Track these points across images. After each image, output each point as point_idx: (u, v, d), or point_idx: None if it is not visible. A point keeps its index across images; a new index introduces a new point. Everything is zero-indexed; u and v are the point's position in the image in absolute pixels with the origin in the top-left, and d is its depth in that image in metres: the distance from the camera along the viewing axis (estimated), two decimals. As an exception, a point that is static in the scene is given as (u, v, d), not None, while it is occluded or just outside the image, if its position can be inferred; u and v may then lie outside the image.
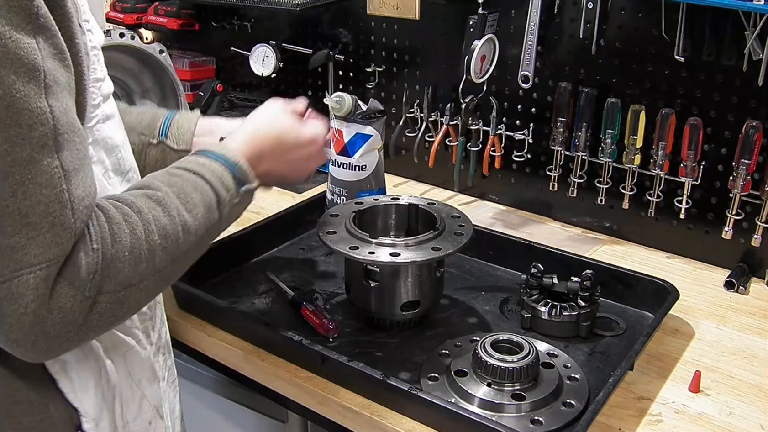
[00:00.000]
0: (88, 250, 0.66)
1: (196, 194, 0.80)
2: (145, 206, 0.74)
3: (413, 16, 1.48)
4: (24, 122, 0.62)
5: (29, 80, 0.62)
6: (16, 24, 0.61)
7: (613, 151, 1.28)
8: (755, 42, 1.10)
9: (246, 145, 0.92)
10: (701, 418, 0.93)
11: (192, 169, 0.82)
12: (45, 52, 0.64)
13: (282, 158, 0.97)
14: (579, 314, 1.06)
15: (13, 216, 0.62)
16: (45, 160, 0.63)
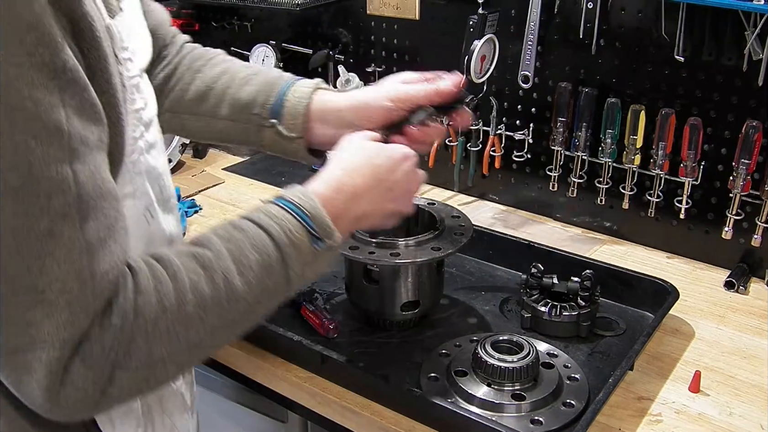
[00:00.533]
0: (106, 325, 0.60)
1: (254, 254, 0.70)
2: (185, 270, 0.66)
3: (413, 16, 1.48)
4: (42, 191, 0.56)
5: (50, 144, 0.56)
6: (37, 82, 0.56)
7: (613, 151, 1.28)
8: (755, 42, 1.10)
9: (335, 190, 0.79)
10: (701, 418, 0.93)
11: (259, 222, 0.72)
12: (71, 110, 0.58)
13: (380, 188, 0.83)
14: (579, 314, 1.06)
15: (27, 291, 0.57)
16: (66, 233, 0.57)
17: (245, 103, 0.99)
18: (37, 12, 0.55)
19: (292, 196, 0.75)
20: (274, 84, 0.99)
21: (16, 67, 0.54)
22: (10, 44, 0.54)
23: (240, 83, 1.00)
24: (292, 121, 0.96)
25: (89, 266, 0.58)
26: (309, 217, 0.74)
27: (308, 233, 0.73)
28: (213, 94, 1.01)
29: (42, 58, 0.55)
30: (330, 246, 0.75)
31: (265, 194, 1.54)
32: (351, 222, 0.80)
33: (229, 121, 1.01)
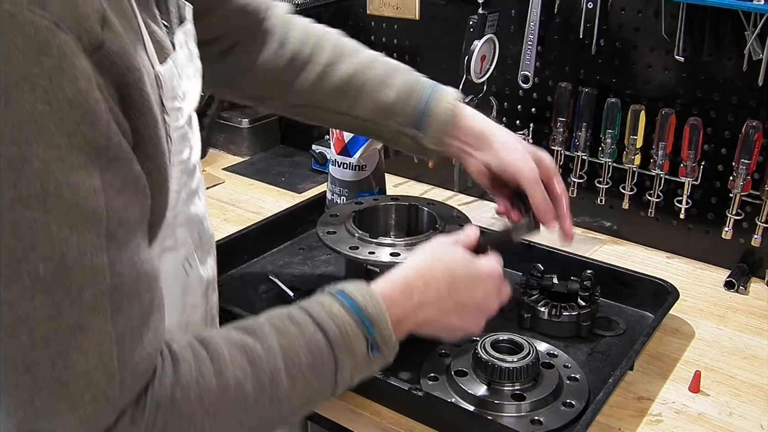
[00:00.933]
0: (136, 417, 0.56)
1: (307, 356, 0.66)
2: (232, 365, 0.62)
3: (413, 16, 1.48)
4: (75, 283, 0.52)
5: (86, 233, 0.52)
6: (77, 164, 0.51)
7: (613, 151, 1.28)
8: (755, 42, 1.10)
9: (402, 292, 0.74)
10: (701, 418, 0.93)
11: (317, 320, 0.67)
12: (112, 191, 0.54)
13: (452, 301, 0.78)
14: (579, 314, 1.06)
15: (50, 384, 0.53)
16: (95, 326, 0.53)
17: (385, 108, 0.98)
18: (83, 89, 0.51)
19: (358, 296, 0.70)
20: (414, 89, 0.98)
21: (54, 148, 0.50)
22: (49, 123, 0.50)
23: (378, 83, 0.99)
24: (436, 135, 0.97)
25: (119, 359, 0.55)
26: (371, 323, 0.69)
27: (366, 341, 0.69)
28: (350, 92, 0.99)
29: (84, 137, 0.51)
30: (385, 355, 0.71)
31: (265, 194, 1.55)
32: (411, 328, 0.76)
33: (366, 121, 1.00)
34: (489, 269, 0.82)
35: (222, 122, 1.75)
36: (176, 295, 0.73)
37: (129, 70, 0.55)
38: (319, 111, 1.03)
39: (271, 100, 1.05)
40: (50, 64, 0.49)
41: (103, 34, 0.52)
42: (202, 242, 0.78)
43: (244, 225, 1.32)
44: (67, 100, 0.50)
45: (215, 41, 0.99)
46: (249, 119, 1.75)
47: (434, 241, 0.84)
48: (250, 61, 1.01)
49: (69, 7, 0.50)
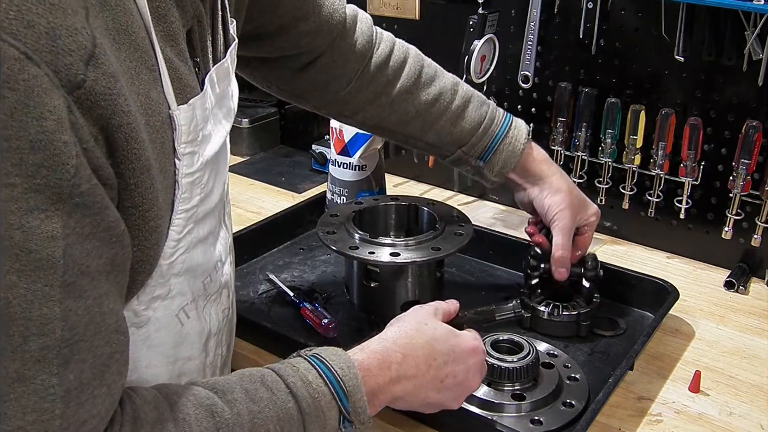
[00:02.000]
0: None
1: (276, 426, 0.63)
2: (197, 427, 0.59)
3: (413, 16, 1.48)
4: (18, 332, 0.47)
5: (37, 281, 0.48)
6: (34, 206, 0.47)
7: (613, 151, 1.28)
8: (755, 42, 1.10)
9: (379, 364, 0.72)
10: (701, 418, 0.93)
11: (292, 388, 0.65)
12: (74, 237, 0.49)
13: (431, 375, 0.76)
14: (579, 314, 1.06)
15: None
16: (38, 378, 0.49)
17: (456, 138, 1.03)
18: (49, 129, 0.46)
19: (335, 365, 0.69)
20: (488, 125, 1.03)
21: (8, 188, 0.45)
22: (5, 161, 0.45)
23: (453, 116, 1.03)
24: (499, 170, 1.04)
25: (62, 416, 0.50)
26: (346, 396, 0.67)
27: (339, 413, 0.67)
28: (421, 120, 1.03)
29: (45, 180, 0.47)
30: (357, 429, 0.69)
31: (265, 194, 1.55)
32: (386, 401, 0.74)
33: (432, 146, 1.05)
34: (471, 344, 0.81)
35: (222, 122, 1.75)
36: (168, 345, 0.69)
37: (114, 114, 0.51)
38: (388, 132, 1.06)
39: (343, 116, 1.06)
40: (14, 99, 0.45)
41: (86, 72, 0.49)
42: (206, 292, 0.73)
43: (244, 225, 1.32)
44: (28, 139, 0.46)
45: (291, 57, 0.99)
46: (249, 119, 1.75)
47: (414, 311, 0.83)
48: (329, 78, 1.01)
49: (47, 38, 0.46)
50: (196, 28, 0.67)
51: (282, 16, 0.93)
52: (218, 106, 0.72)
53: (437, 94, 1.02)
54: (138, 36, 0.56)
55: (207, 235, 0.71)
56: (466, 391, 0.82)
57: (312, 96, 1.04)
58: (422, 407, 0.80)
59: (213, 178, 0.70)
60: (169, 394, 0.60)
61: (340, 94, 1.02)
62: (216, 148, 0.69)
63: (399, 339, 0.76)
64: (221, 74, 0.72)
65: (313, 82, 1.01)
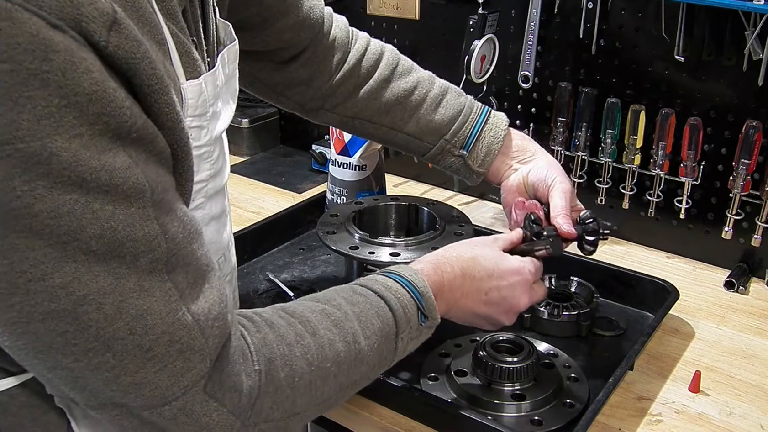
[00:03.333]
0: (250, 371, 0.61)
1: (377, 320, 0.73)
2: (322, 327, 0.68)
3: (413, 16, 1.48)
4: (128, 253, 0.53)
5: (131, 206, 0.53)
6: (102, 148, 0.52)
7: (613, 151, 1.28)
8: (755, 42, 1.10)
9: (434, 270, 0.81)
10: (701, 418, 0.93)
11: (378, 292, 0.75)
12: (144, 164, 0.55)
13: (474, 286, 0.84)
14: (579, 314, 1.06)
15: (134, 353, 0.55)
16: (155, 286, 0.55)
17: (436, 126, 1.03)
18: (98, 79, 0.51)
19: (406, 273, 0.78)
20: (468, 113, 1.03)
21: (78, 138, 0.50)
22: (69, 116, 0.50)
23: (432, 103, 1.03)
24: (483, 158, 1.03)
25: (189, 310, 0.57)
26: (420, 295, 0.77)
27: (418, 310, 0.76)
28: (402, 109, 1.03)
29: (107, 126, 0.52)
30: (431, 325, 0.79)
31: (265, 194, 1.55)
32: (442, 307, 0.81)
33: (413, 138, 1.05)
34: (515, 265, 0.87)
35: (222, 122, 1.75)
36: None
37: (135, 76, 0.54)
38: (368, 124, 1.06)
39: (323, 110, 1.06)
40: (60, 59, 0.49)
41: (109, 38, 0.52)
42: (222, 272, 0.77)
43: (244, 225, 1.32)
44: (84, 93, 0.50)
45: (275, 52, 1.00)
46: (249, 119, 1.75)
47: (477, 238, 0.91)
48: (310, 73, 1.02)
49: (71, 7, 0.49)
50: (188, 8, 0.70)
51: (266, 9, 0.95)
52: (228, 85, 0.75)
53: (415, 82, 1.04)
54: (146, 11, 0.58)
55: (219, 213, 0.75)
56: (513, 307, 0.87)
57: (294, 92, 1.04)
58: (475, 319, 0.87)
59: (222, 157, 0.74)
60: (285, 307, 0.69)
61: (322, 89, 1.03)
62: (224, 126, 0.73)
63: (449, 252, 0.85)
64: (231, 56, 0.77)
65: (295, 76, 1.03)
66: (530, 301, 0.89)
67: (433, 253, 0.85)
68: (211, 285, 0.61)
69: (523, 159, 1.03)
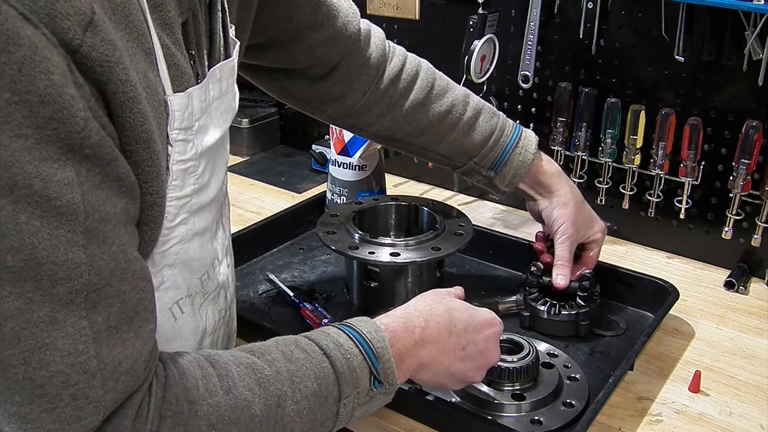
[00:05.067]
0: (139, 428, 0.55)
1: (313, 383, 0.65)
2: (241, 384, 0.61)
3: (413, 16, 1.48)
4: (45, 276, 0.49)
5: (59, 226, 0.50)
6: (47, 156, 0.49)
7: (613, 151, 1.28)
8: (755, 42, 1.10)
9: (404, 327, 0.75)
10: (701, 418, 0.93)
11: (324, 349, 0.68)
12: (90, 185, 0.51)
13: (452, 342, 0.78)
14: (578, 313, 1.06)
15: (23, 384, 0.50)
16: (69, 321, 0.51)
17: (467, 150, 1.04)
18: (57, 83, 0.48)
19: (363, 329, 0.71)
20: (499, 136, 1.04)
21: (21, 138, 0.47)
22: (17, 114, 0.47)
23: (465, 128, 1.04)
24: (510, 180, 1.06)
25: (97, 357, 0.52)
26: (375, 356, 0.70)
27: (370, 373, 0.70)
28: (434, 132, 1.04)
29: (56, 132, 0.49)
30: (387, 391, 0.72)
31: (265, 194, 1.55)
32: (412, 367, 0.75)
33: (443, 157, 1.07)
34: (488, 316, 0.84)
35: (222, 122, 1.75)
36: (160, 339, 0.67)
37: (110, 81, 0.52)
38: (400, 144, 1.07)
39: (356, 128, 1.07)
40: (20, 54, 0.47)
41: (84, 37, 0.50)
42: (204, 289, 0.74)
43: (244, 225, 1.32)
44: (38, 93, 0.48)
45: (307, 68, 1.00)
46: (249, 119, 1.75)
47: (430, 291, 0.85)
48: (343, 90, 1.02)
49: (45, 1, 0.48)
50: (191, 21, 0.68)
51: (296, 26, 0.94)
52: (220, 101, 0.72)
53: (450, 105, 1.04)
54: (135, 18, 0.57)
55: (204, 229, 0.71)
56: (487, 361, 0.83)
57: (327, 107, 1.04)
58: (447, 378, 0.81)
59: (209, 171, 0.70)
60: (209, 356, 0.63)
61: (356, 106, 1.03)
62: (213, 141, 0.70)
63: (420, 307, 0.79)
64: (227, 72, 0.74)
65: (328, 92, 1.02)
66: (498, 357, 0.85)
67: (404, 307, 0.79)
68: (137, 335, 0.56)
69: (540, 193, 1.08)
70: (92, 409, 0.53)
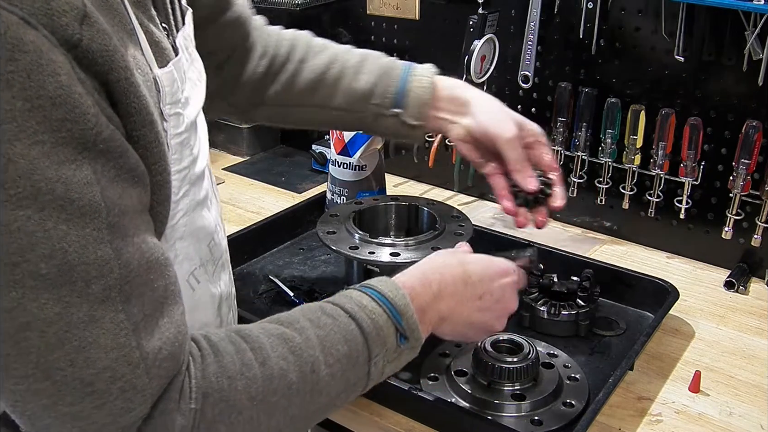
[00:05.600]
0: (185, 409, 0.56)
1: (344, 346, 0.66)
2: (275, 354, 0.62)
3: (413, 16, 1.48)
4: (79, 278, 0.51)
5: (85, 226, 0.51)
6: (65, 159, 0.49)
7: (613, 151, 1.28)
8: (755, 42, 1.10)
9: (421, 283, 0.75)
10: (701, 418, 0.93)
11: (350, 312, 0.69)
12: (106, 180, 0.52)
13: (468, 292, 0.79)
14: (578, 313, 1.06)
15: (73, 385, 0.52)
16: (107, 317, 0.52)
17: (362, 93, 0.98)
18: (65, 83, 0.49)
19: (385, 289, 0.72)
20: (391, 71, 0.98)
21: (39, 145, 0.48)
22: (31, 121, 0.48)
23: (353, 71, 0.99)
24: (418, 110, 0.96)
25: (138, 347, 0.54)
26: (399, 314, 0.71)
27: (396, 331, 0.70)
28: (325, 84, 1.00)
29: (70, 133, 0.50)
30: (413, 346, 0.73)
31: (265, 194, 1.55)
32: (433, 321, 0.76)
33: (344, 111, 1.00)
34: (503, 266, 0.84)
35: (222, 122, 1.75)
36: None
37: (112, 69, 0.53)
38: (299, 109, 1.03)
39: (255, 107, 1.05)
40: (27, 60, 0.47)
41: (82, 31, 0.50)
42: (212, 257, 0.75)
43: (244, 225, 1.32)
44: (49, 96, 0.48)
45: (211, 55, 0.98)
46: (249, 119, 1.75)
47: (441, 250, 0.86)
48: (238, 73, 1.02)
49: (41, 1, 0.48)
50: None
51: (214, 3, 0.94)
52: (192, 70, 0.74)
53: (332, 56, 1.01)
54: (114, 2, 0.58)
55: (203, 198, 0.72)
56: (506, 310, 0.84)
57: (228, 94, 1.03)
58: (468, 329, 0.82)
59: (198, 141, 0.72)
60: (240, 330, 0.64)
61: (251, 85, 1.02)
62: (197, 111, 0.71)
63: (434, 262, 0.80)
64: (189, 39, 0.75)
65: (228, 79, 1.01)
66: (517, 301, 0.86)
67: (418, 265, 0.80)
68: (170, 319, 0.57)
69: (458, 111, 0.97)
70: (141, 398, 0.54)
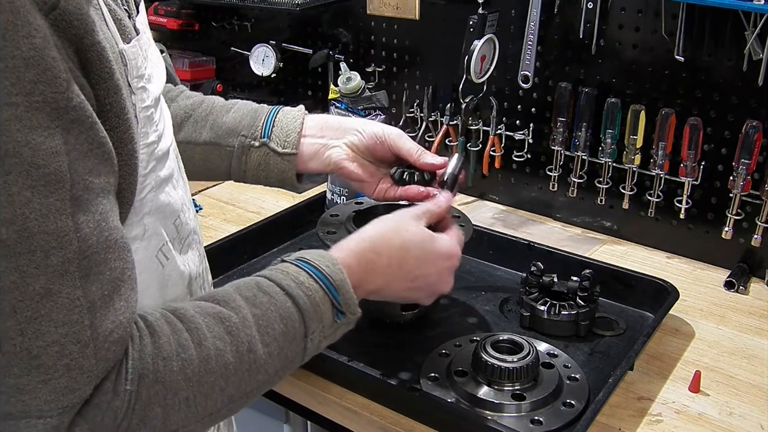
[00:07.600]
0: (119, 390, 0.56)
1: (280, 325, 0.67)
2: (211, 335, 0.62)
3: (413, 16, 1.48)
4: (39, 247, 0.50)
5: (49, 195, 0.51)
6: (36, 124, 0.49)
7: (613, 151, 1.28)
8: (755, 42, 1.10)
9: (356, 260, 0.76)
10: (701, 418, 0.93)
11: (286, 289, 0.69)
12: (75, 153, 0.52)
13: (402, 274, 0.81)
14: (578, 313, 1.06)
15: (20, 356, 0.51)
16: (64, 291, 0.52)
17: (230, 127, 0.97)
18: (39, 45, 0.49)
19: (322, 264, 0.72)
20: (259, 109, 0.98)
21: (11, 107, 0.48)
22: (5, 81, 0.48)
23: (221, 110, 0.99)
24: (285, 138, 0.95)
25: (91, 327, 0.54)
26: (336, 289, 0.72)
27: (332, 307, 0.71)
28: (192, 120, 0.98)
29: (43, 96, 0.50)
30: (349, 320, 0.74)
31: (265, 194, 1.55)
32: (364, 293, 0.78)
33: (211, 145, 0.98)
34: (446, 249, 0.85)
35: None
36: (154, 288, 0.71)
37: (87, 33, 0.53)
38: None
39: None
40: (2, 20, 0.47)
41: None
42: (179, 235, 0.75)
43: (244, 225, 1.32)
44: (22, 57, 0.48)
45: None
46: (249, 119, 1.75)
47: (400, 212, 0.85)
48: None
49: None
50: None
51: None
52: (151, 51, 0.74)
53: (201, 98, 1.01)
54: None
55: (168, 176, 0.72)
56: (437, 291, 0.87)
57: None
58: (397, 300, 0.88)
59: (162, 119, 0.71)
60: (176, 309, 0.64)
61: None
62: (159, 88, 0.71)
63: (376, 239, 0.80)
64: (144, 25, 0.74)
65: None
66: (449, 287, 0.87)
67: (358, 238, 0.80)
68: (126, 303, 0.57)
69: (334, 135, 0.96)
70: (85, 379, 0.54)
